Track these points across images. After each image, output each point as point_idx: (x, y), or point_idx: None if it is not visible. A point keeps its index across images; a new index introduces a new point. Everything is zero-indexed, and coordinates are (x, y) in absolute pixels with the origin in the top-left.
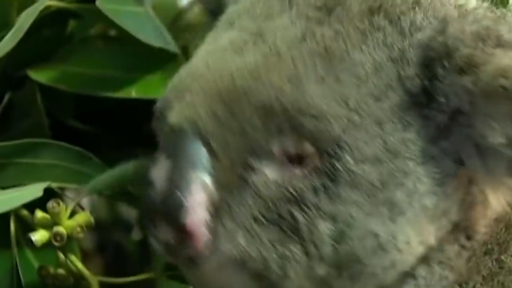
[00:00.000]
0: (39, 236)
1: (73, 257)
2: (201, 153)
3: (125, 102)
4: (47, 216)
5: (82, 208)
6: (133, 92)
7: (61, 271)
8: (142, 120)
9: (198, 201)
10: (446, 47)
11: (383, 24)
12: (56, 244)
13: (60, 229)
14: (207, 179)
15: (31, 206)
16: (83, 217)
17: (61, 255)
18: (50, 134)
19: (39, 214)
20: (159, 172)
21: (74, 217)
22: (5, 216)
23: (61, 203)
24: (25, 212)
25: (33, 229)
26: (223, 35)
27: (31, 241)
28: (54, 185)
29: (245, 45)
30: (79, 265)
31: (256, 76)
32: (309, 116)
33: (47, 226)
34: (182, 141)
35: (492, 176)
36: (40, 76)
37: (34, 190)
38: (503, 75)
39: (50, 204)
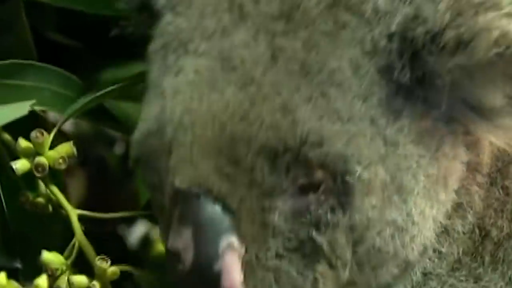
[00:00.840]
0: (20, 165)
1: (54, 188)
2: (221, 215)
3: (108, 17)
4: (30, 145)
5: (64, 134)
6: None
7: (40, 199)
8: (125, 35)
9: (231, 265)
10: (428, 34)
11: (346, 19)
12: (37, 174)
13: (42, 160)
14: (234, 240)
15: (14, 132)
16: (65, 148)
17: (42, 185)
18: (35, 50)
19: (22, 143)
20: (183, 243)
21: (57, 148)
22: None
23: (44, 133)
24: (7, 137)
25: (16, 156)
26: (183, 64)
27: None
28: (37, 108)
29: (215, 76)
30: (60, 197)
31: (245, 116)
32: (311, 145)
33: (30, 155)
34: (199, 208)
35: (496, 126)
36: None
37: (20, 109)
38: (496, 45)
39: (34, 133)
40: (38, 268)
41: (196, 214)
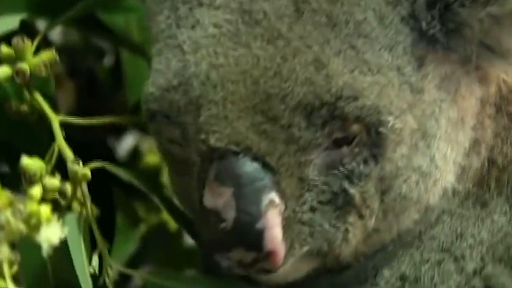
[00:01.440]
0: (1, 71)
1: (37, 95)
2: (261, 173)
3: None
4: (12, 51)
5: (49, 43)
6: None
7: (24, 107)
8: None
9: (273, 222)
10: None
11: None
12: (18, 81)
13: (23, 65)
14: (275, 197)
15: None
16: (48, 55)
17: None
18: None
19: (4, 49)
20: (223, 202)
21: (39, 54)
22: None
23: (26, 39)
24: None
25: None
26: (200, 17)
27: None
28: (27, 17)
29: (237, 30)
30: (43, 103)
31: (278, 72)
32: (347, 99)
33: (11, 61)
34: (239, 167)
35: (510, 64)
36: None
37: (10, 21)
38: None
39: (15, 40)
40: None
41: (236, 173)
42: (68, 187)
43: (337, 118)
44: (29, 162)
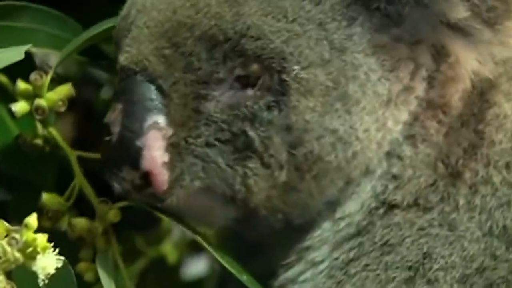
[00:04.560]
0: (19, 108)
1: (53, 130)
2: (152, 95)
3: None
4: (29, 87)
5: (58, 75)
6: None
7: (38, 141)
8: None
9: (153, 143)
10: None
11: None
12: (37, 117)
13: (42, 102)
14: (161, 120)
15: (10, 73)
16: (64, 90)
17: (40, 126)
18: None
19: (21, 85)
20: (113, 116)
21: (56, 90)
22: None
23: (43, 75)
24: (4, 79)
25: (13, 99)
26: None
27: (10, 110)
28: (33, 50)
29: None
30: (59, 138)
31: (195, 4)
32: (249, 38)
33: (29, 97)
34: (132, 84)
35: (465, 40)
36: None
37: (16, 53)
38: None
39: (33, 76)
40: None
41: (128, 90)
42: (97, 227)
43: (238, 54)
44: (49, 198)
